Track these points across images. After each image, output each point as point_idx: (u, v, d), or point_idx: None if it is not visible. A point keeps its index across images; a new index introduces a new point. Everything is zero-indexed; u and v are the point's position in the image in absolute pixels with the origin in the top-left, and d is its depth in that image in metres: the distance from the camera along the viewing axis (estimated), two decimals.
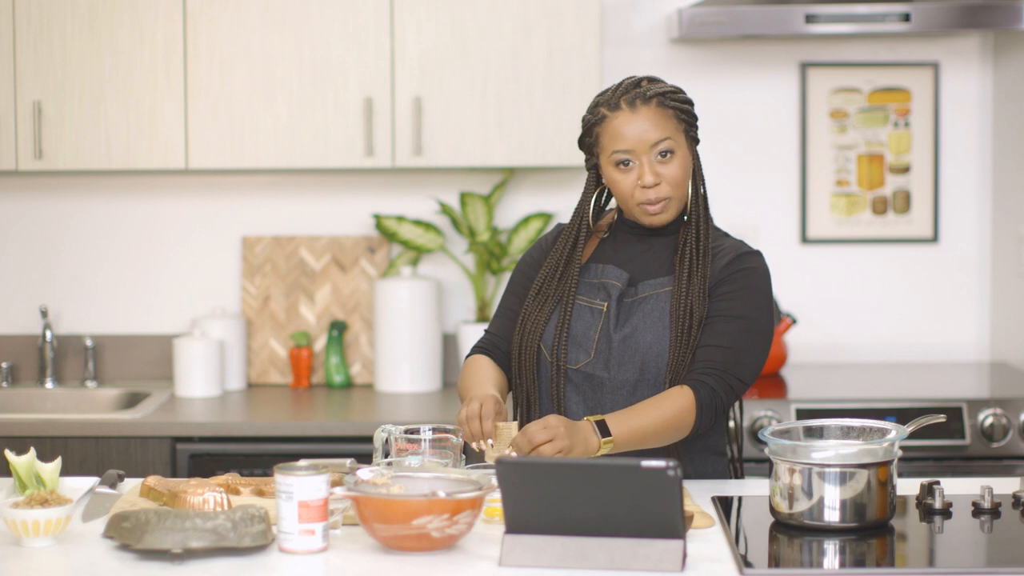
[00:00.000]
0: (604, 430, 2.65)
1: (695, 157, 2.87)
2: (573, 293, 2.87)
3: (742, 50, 4.38)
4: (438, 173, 4.36)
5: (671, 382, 2.77)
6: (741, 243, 2.91)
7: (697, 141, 2.87)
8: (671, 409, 2.72)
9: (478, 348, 3.00)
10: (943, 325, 4.44)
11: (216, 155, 4.06)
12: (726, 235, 2.93)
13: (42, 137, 4.04)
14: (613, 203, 2.94)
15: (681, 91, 2.86)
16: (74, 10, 4.03)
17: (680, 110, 2.82)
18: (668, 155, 2.79)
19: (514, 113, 4.05)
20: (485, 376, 2.88)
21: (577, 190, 4.38)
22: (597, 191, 2.91)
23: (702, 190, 2.87)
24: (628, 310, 2.83)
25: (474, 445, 2.66)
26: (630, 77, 2.87)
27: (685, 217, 2.86)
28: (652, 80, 2.86)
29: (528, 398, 2.87)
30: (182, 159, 4.06)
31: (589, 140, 2.86)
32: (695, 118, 2.85)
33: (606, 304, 2.84)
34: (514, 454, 2.58)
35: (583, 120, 2.86)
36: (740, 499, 2.65)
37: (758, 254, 2.88)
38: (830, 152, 4.41)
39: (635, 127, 2.80)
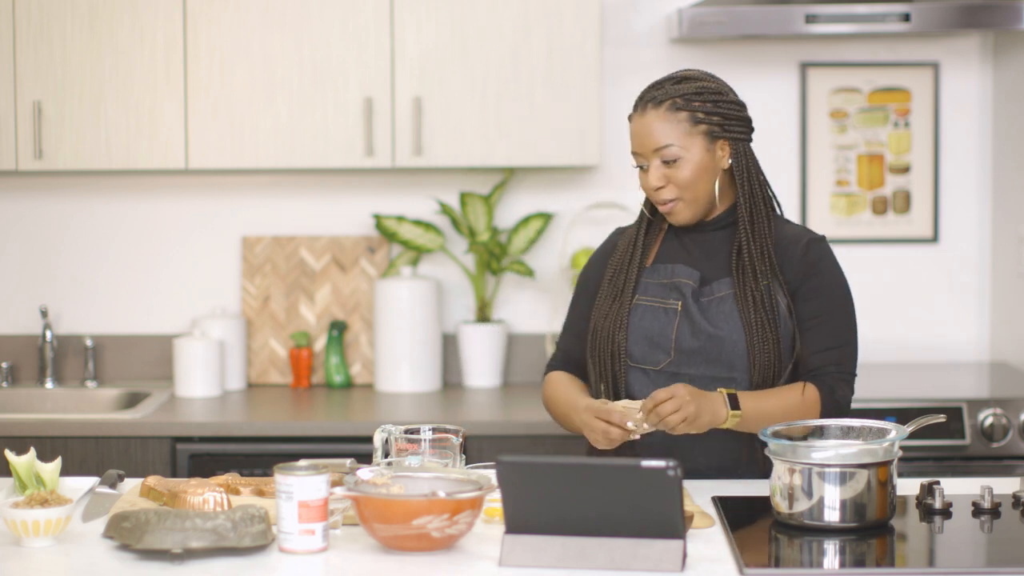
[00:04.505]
0: (734, 403, 2.71)
1: (741, 153, 2.85)
2: (644, 294, 2.88)
3: (742, 50, 4.38)
4: (438, 173, 4.36)
5: (758, 378, 2.79)
6: (804, 229, 2.92)
7: (731, 134, 2.85)
8: (797, 401, 2.78)
9: (551, 367, 3.04)
10: (943, 325, 4.44)
11: (216, 155, 4.06)
12: (787, 222, 2.93)
13: (42, 137, 4.04)
14: None
15: (707, 90, 2.84)
16: (74, 10, 4.03)
17: (700, 111, 2.82)
18: (674, 160, 2.81)
19: (514, 113, 4.05)
20: (572, 387, 2.95)
21: (577, 190, 4.38)
22: None
23: (755, 184, 2.87)
24: (705, 309, 2.84)
25: (629, 426, 2.71)
26: (675, 73, 2.89)
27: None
28: (680, 80, 2.87)
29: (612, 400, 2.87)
30: (182, 159, 4.06)
31: None
32: (722, 114, 2.84)
33: (680, 303, 2.85)
34: (646, 425, 2.68)
35: None
36: (740, 499, 2.65)
37: (824, 239, 2.90)
38: (830, 152, 4.41)
39: (641, 131, 2.84)
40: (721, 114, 2.85)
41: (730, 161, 2.86)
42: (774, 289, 2.83)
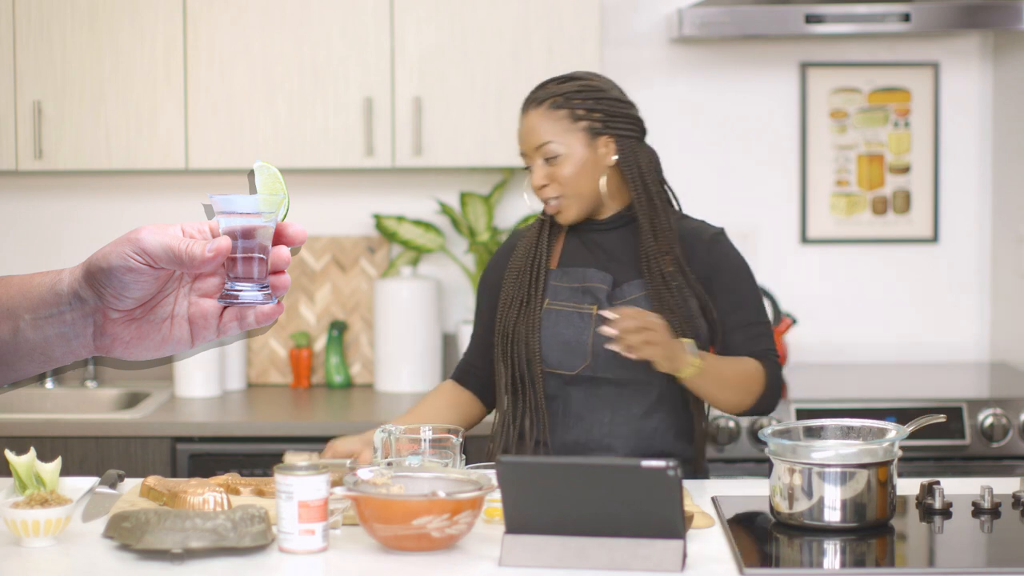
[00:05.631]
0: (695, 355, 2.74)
1: (629, 150, 2.87)
2: (555, 298, 2.88)
3: (742, 50, 4.38)
4: (438, 173, 4.36)
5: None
6: (703, 224, 2.96)
7: (614, 131, 2.86)
8: (748, 369, 2.82)
9: (453, 376, 3.07)
10: (943, 325, 4.44)
11: (216, 155, 4.06)
12: (685, 217, 2.96)
13: (42, 137, 4.04)
14: None
15: (589, 88, 2.88)
16: (74, 10, 4.03)
17: (580, 109, 2.85)
18: (555, 158, 2.85)
19: (514, 113, 4.04)
20: (433, 405, 2.97)
21: None
22: None
23: (648, 182, 2.88)
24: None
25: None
26: (562, 75, 2.94)
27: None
28: (564, 79, 2.91)
29: (528, 407, 2.87)
30: (182, 159, 4.06)
31: None
32: (603, 111, 2.86)
33: (595, 307, 2.85)
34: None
35: None
36: (740, 499, 2.65)
37: (724, 231, 2.96)
38: (830, 152, 4.41)
39: (524, 130, 2.90)
40: (603, 111, 2.87)
41: (615, 158, 2.87)
42: (684, 288, 2.85)
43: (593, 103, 2.87)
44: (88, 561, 2.31)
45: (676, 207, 2.97)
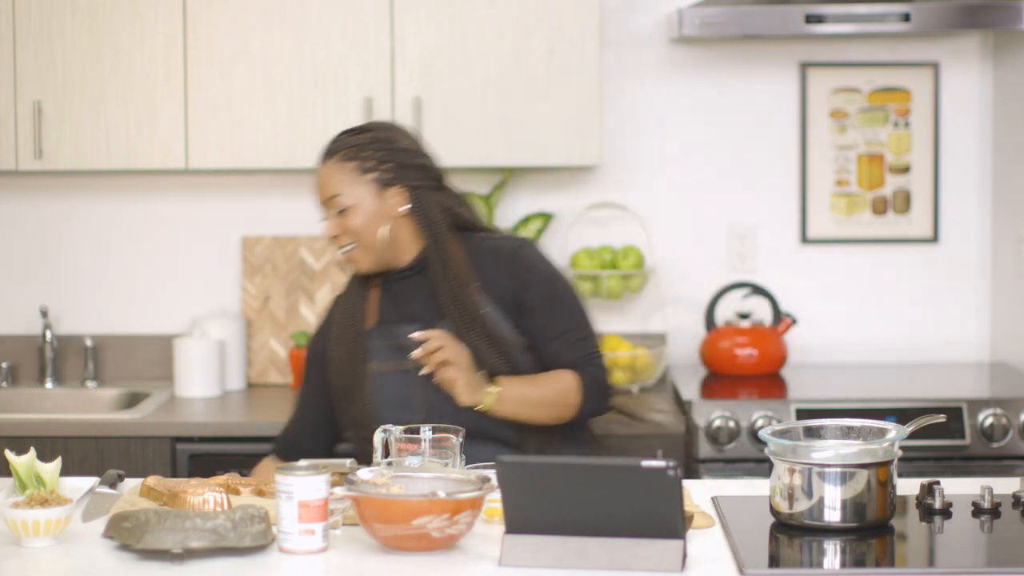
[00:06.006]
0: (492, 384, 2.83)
1: (420, 199, 2.92)
2: (380, 359, 2.95)
3: (742, 50, 4.38)
4: None
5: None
6: (507, 239, 3.01)
7: (405, 181, 2.92)
8: (558, 384, 2.87)
9: (274, 451, 3.10)
10: (943, 325, 4.44)
11: (216, 155, 4.06)
12: (487, 236, 3.00)
13: (42, 137, 4.04)
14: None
15: (379, 139, 2.93)
16: (74, 10, 4.03)
17: (367, 159, 2.91)
18: (345, 210, 2.91)
19: (514, 113, 4.05)
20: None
21: (577, 190, 4.38)
22: None
23: (439, 229, 2.93)
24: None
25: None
26: (355, 126, 3.00)
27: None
28: (357, 131, 2.97)
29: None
30: (182, 159, 4.06)
31: None
32: (394, 161, 2.91)
33: (415, 362, 2.89)
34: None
35: None
36: (740, 499, 2.65)
37: (527, 242, 3.01)
38: (830, 152, 4.41)
39: (317, 182, 2.97)
40: (393, 162, 2.92)
41: (406, 207, 2.92)
42: (493, 315, 2.91)
43: (384, 154, 2.92)
44: (88, 561, 2.31)
45: (482, 230, 3.02)
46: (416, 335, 2.80)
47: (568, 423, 2.94)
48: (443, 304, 2.91)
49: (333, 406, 3.03)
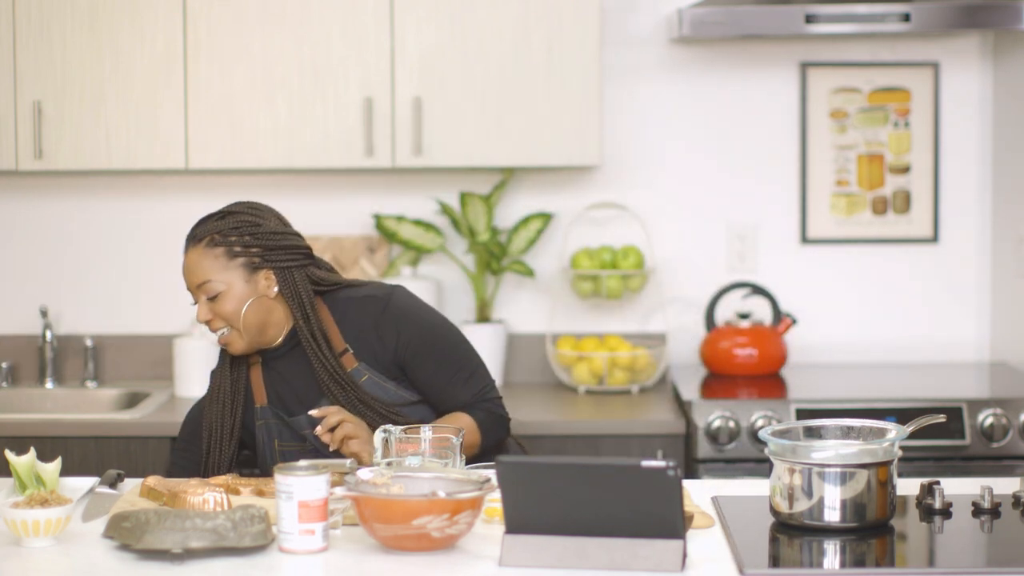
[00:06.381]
0: None
1: (289, 279, 2.93)
2: (282, 439, 2.99)
3: (742, 50, 4.38)
4: (438, 173, 4.36)
5: None
6: (370, 297, 3.00)
7: (273, 263, 2.93)
8: (459, 425, 2.84)
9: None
10: (943, 325, 4.44)
11: (216, 155, 4.06)
12: (349, 299, 3.01)
13: (42, 137, 4.04)
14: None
15: (245, 224, 2.93)
16: (74, 10, 4.03)
17: (235, 244, 2.91)
18: (216, 296, 2.91)
19: (514, 113, 4.05)
20: None
21: (577, 190, 4.38)
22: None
23: (306, 306, 2.94)
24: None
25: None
26: (221, 209, 2.97)
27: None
28: (222, 216, 2.95)
29: None
30: (182, 159, 4.06)
31: None
32: (261, 245, 2.91)
33: (306, 441, 2.94)
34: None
35: None
36: (740, 499, 2.65)
37: (392, 292, 3.01)
38: (830, 152, 4.41)
39: (185, 269, 2.96)
40: (261, 245, 2.93)
41: (276, 289, 2.94)
42: (371, 381, 2.94)
43: (250, 239, 2.92)
44: (88, 561, 2.31)
45: (340, 287, 3.04)
46: (314, 413, 2.83)
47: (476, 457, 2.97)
48: (321, 381, 2.94)
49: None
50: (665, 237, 4.39)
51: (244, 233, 2.92)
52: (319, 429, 2.83)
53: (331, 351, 2.94)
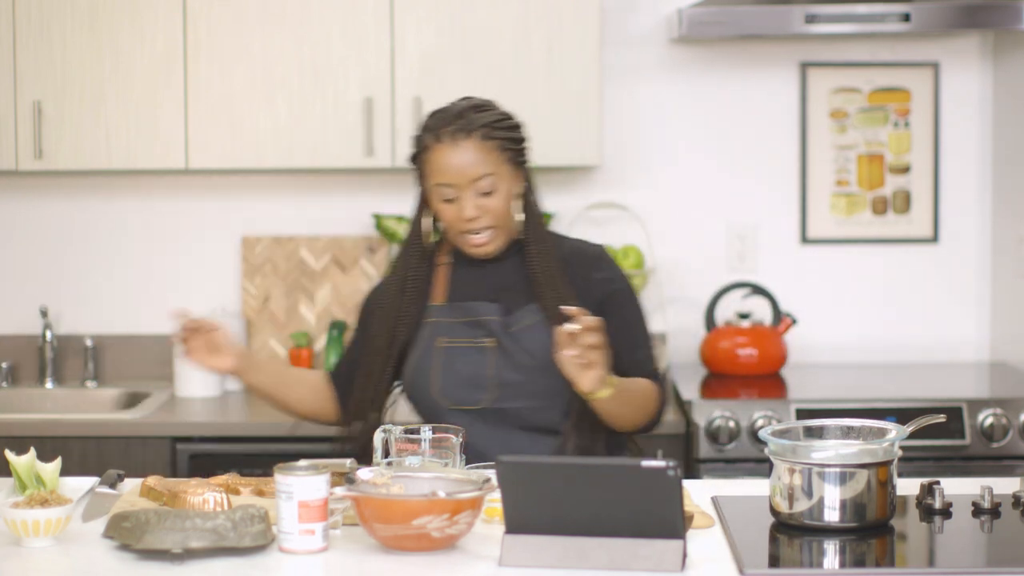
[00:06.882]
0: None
1: (528, 180, 2.87)
2: (450, 335, 2.86)
3: (742, 50, 4.38)
4: None
5: (578, 402, 2.76)
6: (582, 243, 2.93)
7: (525, 163, 2.86)
8: (646, 391, 2.81)
9: (330, 371, 3.04)
10: (943, 325, 4.44)
11: (216, 155, 4.06)
12: (561, 236, 2.94)
13: (42, 137, 4.04)
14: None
15: (508, 118, 2.85)
16: (74, 10, 4.03)
17: (507, 139, 2.82)
18: (490, 191, 2.80)
19: (514, 113, 4.04)
20: (302, 379, 3.03)
21: (577, 190, 4.38)
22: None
23: (535, 209, 2.87)
24: (517, 340, 2.83)
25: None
26: (463, 100, 2.86)
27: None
28: (480, 108, 2.83)
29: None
30: (182, 159, 4.06)
31: (417, 164, 2.86)
32: (522, 143, 2.85)
33: (492, 340, 2.84)
34: None
35: (414, 139, 2.86)
36: (740, 499, 2.65)
37: (604, 248, 2.94)
38: (830, 152, 4.41)
39: (455, 162, 2.79)
40: (520, 139, 2.86)
41: (524, 188, 2.87)
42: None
43: (518, 133, 2.85)
44: (88, 561, 2.31)
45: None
46: (573, 309, 2.58)
47: (621, 432, 2.87)
48: (539, 290, 2.82)
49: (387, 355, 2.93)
50: (665, 237, 4.39)
51: (510, 128, 2.84)
52: (571, 326, 2.55)
53: (554, 265, 2.83)
